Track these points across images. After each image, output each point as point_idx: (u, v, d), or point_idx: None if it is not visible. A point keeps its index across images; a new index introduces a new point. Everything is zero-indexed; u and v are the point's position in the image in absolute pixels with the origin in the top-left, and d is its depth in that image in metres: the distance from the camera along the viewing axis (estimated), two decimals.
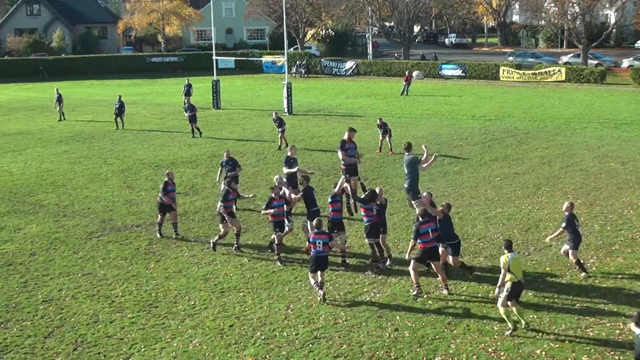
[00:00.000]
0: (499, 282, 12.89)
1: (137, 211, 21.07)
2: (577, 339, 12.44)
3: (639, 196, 21.41)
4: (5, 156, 29.95)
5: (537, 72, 56.45)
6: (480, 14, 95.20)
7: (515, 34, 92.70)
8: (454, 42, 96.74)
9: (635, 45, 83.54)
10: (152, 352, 12.36)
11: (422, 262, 14.42)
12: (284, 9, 46.17)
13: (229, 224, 17.08)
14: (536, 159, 26.85)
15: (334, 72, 66.84)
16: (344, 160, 19.63)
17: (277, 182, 17.98)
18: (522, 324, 12.78)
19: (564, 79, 54.49)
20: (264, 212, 16.77)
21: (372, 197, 15.94)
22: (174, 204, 18.43)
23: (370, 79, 62.34)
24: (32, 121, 40.12)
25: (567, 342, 12.32)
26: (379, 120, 29.13)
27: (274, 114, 30.69)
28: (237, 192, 17.99)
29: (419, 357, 11.96)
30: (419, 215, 14.62)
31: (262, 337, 12.76)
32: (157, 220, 18.51)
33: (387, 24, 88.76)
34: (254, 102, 46.91)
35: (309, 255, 14.68)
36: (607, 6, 67.67)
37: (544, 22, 76.05)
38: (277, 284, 15.19)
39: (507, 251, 12.77)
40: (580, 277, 15.13)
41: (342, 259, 16.30)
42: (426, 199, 15.80)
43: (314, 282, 14.47)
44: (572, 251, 15.16)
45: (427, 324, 13.15)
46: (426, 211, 14.63)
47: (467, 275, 15.18)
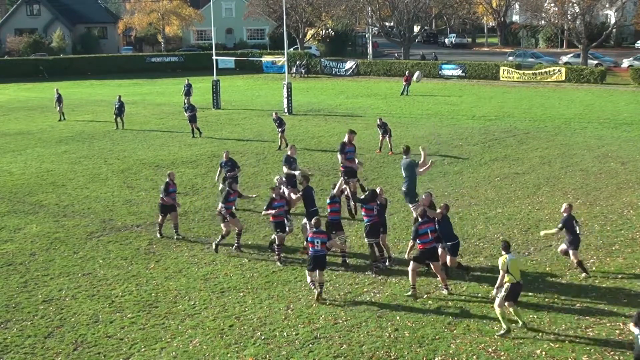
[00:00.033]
0: (498, 283, 12.92)
1: (137, 211, 21.07)
2: (577, 339, 12.44)
3: (639, 196, 21.41)
4: (5, 156, 29.95)
5: (537, 72, 56.45)
6: (480, 14, 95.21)
7: (515, 34, 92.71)
8: (454, 42, 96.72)
9: (635, 45, 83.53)
10: (152, 352, 12.36)
11: (421, 262, 14.43)
12: (284, 9, 46.18)
13: (230, 224, 17.08)
14: (536, 159, 26.85)
15: (334, 72, 66.84)
16: (343, 163, 19.61)
17: (277, 183, 17.98)
18: (519, 324, 12.80)
19: (564, 79, 54.50)
20: (265, 213, 16.77)
21: (372, 196, 15.93)
22: (176, 204, 18.48)
23: (370, 79, 62.34)
24: (32, 121, 40.13)
25: (567, 342, 12.32)
26: (379, 120, 29.13)
27: (274, 114, 30.70)
28: (239, 193, 17.96)
29: (419, 357, 11.96)
30: (419, 216, 14.63)
31: (262, 337, 12.76)
32: (158, 220, 18.52)
33: (387, 24, 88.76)
34: (254, 102, 46.91)
35: (308, 254, 14.68)
36: (607, 6, 67.67)
37: (544, 22, 76.05)
38: (277, 284, 15.19)
39: (505, 252, 12.76)
40: (580, 277, 15.14)
41: (342, 259, 16.30)
42: (426, 199, 15.84)
43: (310, 280, 14.49)
44: (572, 252, 15.16)
45: (427, 324, 13.15)
46: (426, 212, 14.63)
47: (464, 275, 15.18)
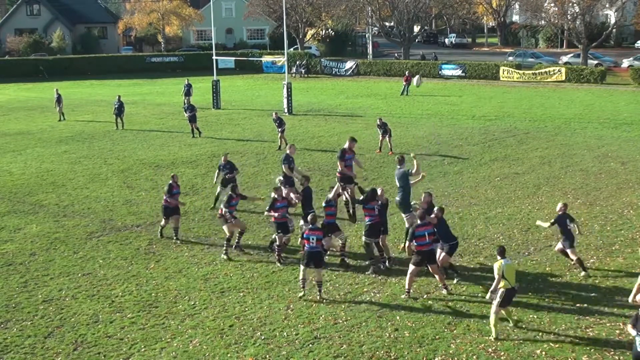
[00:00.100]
0: (492, 288, 12.99)
1: (137, 211, 21.07)
2: (577, 339, 12.44)
3: (639, 196, 21.41)
4: (5, 156, 29.95)
5: (537, 72, 56.45)
6: (480, 14, 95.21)
7: (515, 34, 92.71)
8: (454, 42, 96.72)
9: (635, 45, 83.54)
10: (152, 352, 12.36)
11: (420, 265, 14.41)
12: (284, 9, 46.17)
13: (232, 226, 17.01)
14: (536, 159, 26.86)
15: (334, 72, 66.83)
16: (343, 170, 19.50)
17: (279, 183, 17.98)
18: (510, 323, 12.86)
19: (564, 79, 54.49)
20: (268, 214, 16.75)
21: (372, 195, 15.94)
22: (180, 204, 18.50)
23: (370, 79, 62.34)
24: (32, 121, 40.13)
25: (567, 342, 12.33)
26: (378, 120, 29.13)
27: (274, 114, 30.70)
28: (242, 196, 17.88)
29: (419, 357, 11.96)
30: (418, 218, 14.64)
31: (262, 337, 12.76)
32: (161, 223, 18.47)
33: (387, 24, 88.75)
34: (254, 102, 46.91)
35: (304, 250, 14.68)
36: (607, 6, 67.67)
37: (544, 22, 76.05)
38: (277, 284, 15.19)
39: (500, 257, 12.73)
40: (580, 277, 15.14)
41: (341, 258, 16.31)
42: (426, 199, 15.84)
43: (301, 277, 14.49)
44: (570, 250, 15.26)
45: (427, 324, 13.15)
46: (425, 214, 14.63)
47: (452, 276, 15.13)
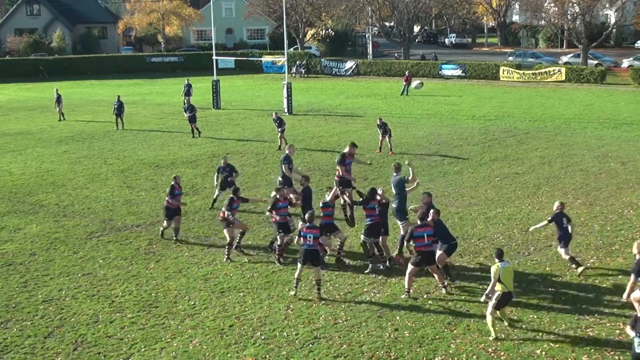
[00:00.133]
0: (488, 290, 13.02)
1: (137, 211, 21.07)
2: (577, 339, 12.44)
3: (639, 196, 21.41)
4: (5, 156, 29.96)
5: (537, 72, 56.45)
6: (480, 14, 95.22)
7: (515, 34, 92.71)
8: (454, 42, 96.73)
9: (635, 45, 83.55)
10: (152, 352, 12.36)
11: (419, 266, 14.41)
12: (284, 9, 46.17)
13: (234, 229, 17.00)
14: (536, 159, 26.86)
15: (334, 72, 66.83)
16: (343, 175, 19.41)
17: (280, 184, 17.99)
18: (505, 323, 12.88)
19: (564, 79, 54.49)
20: (269, 215, 16.74)
21: (372, 195, 15.95)
22: (181, 204, 18.49)
23: (370, 79, 62.34)
24: (32, 121, 40.13)
25: (567, 342, 12.33)
26: (378, 120, 29.13)
27: (274, 114, 30.70)
28: (243, 199, 17.86)
29: (419, 357, 11.96)
30: (418, 218, 14.65)
31: (262, 337, 12.76)
32: (164, 224, 18.43)
33: (387, 24, 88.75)
34: (254, 102, 46.91)
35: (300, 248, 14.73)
36: (607, 6, 67.67)
37: (544, 22, 76.06)
38: (277, 284, 15.19)
39: (497, 260, 12.73)
40: (580, 277, 15.14)
41: (337, 258, 16.33)
42: (425, 199, 15.84)
43: (296, 276, 14.51)
44: (563, 250, 15.47)
45: (427, 324, 13.15)
46: (425, 215, 14.64)
47: (446, 276, 15.13)
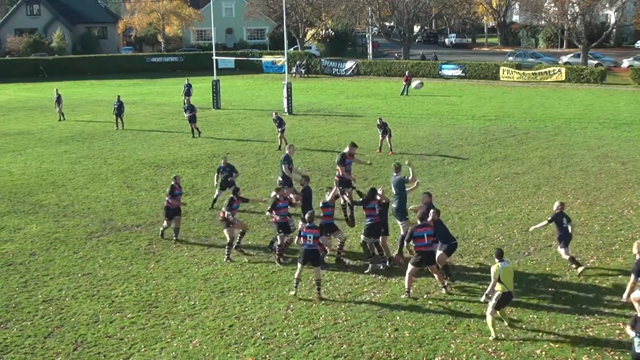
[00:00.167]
0: (487, 290, 13.03)
1: (137, 211, 21.07)
2: (577, 339, 12.44)
3: (639, 196, 21.41)
4: (5, 156, 29.96)
5: (537, 72, 56.45)
6: (480, 14, 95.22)
7: (515, 34, 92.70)
8: (454, 42, 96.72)
9: (635, 45, 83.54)
10: (152, 352, 12.36)
11: (419, 266, 14.42)
12: (284, 9, 46.17)
13: (234, 229, 17.00)
14: (536, 159, 26.86)
15: (334, 72, 66.83)
16: (343, 175, 19.38)
17: (279, 184, 17.99)
18: (505, 323, 12.89)
19: (564, 79, 54.49)
20: (269, 215, 16.74)
21: (372, 195, 15.96)
22: (181, 204, 18.49)
23: (370, 79, 62.34)
24: (32, 121, 40.14)
25: (567, 342, 12.33)
26: (378, 120, 29.13)
27: (274, 114, 30.70)
28: (243, 199, 17.86)
29: (419, 357, 11.96)
30: (418, 218, 14.65)
31: (262, 337, 12.76)
32: (164, 225, 18.42)
33: (387, 24, 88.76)
34: (254, 102, 46.91)
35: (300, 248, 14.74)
36: (607, 6, 67.67)
37: (544, 22, 76.05)
38: (277, 284, 15.19)
39: (497, 260, 12.73)
40: (580, 277, 15.15)
41: (337, 258, 16.34)
42: (424, 199, 15.83)
43: (296, 276, 14.54)
44: (563, 250, 15.51)
45: (427, 324, 13.15)
46: (425, 214, 14.64)
47: (446, 276, 15.15)
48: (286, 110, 40.26)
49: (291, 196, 17.63)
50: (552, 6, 65.49)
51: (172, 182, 18.53)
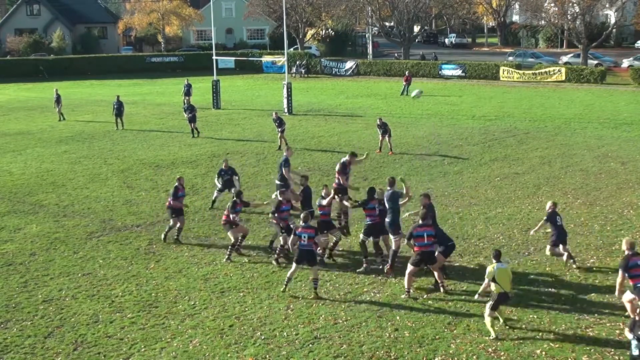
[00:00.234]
0: (480, 290, 13.01)
1: (137, 211, 21.07)
2: (577, 339, 12.45)
3: (639, 196, 21.41)
4: (5, 156, 29.95)
5: (537, 72, 56.45)
6: (480, 14, 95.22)
7: (515, 34, 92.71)
8: (454, 42, 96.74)
9: (635, 45, 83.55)
10: (152, 352, 12.36)
11: (419, 265, 14.42)
12: (284, 9, 46.17)
13: (237, 231, 16.98)
14: (536, 159, 26.86)
15: (334, 72, 66.84)
16: (344, 183, 19.29)
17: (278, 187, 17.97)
18: (500, 321, 12.90)
19: (564, 79, 54.50)
20: (272, 217, 16.71)
21: (371, 194, 15.98)
22: (183, 206, 18.42)
23: (370, 79, 62.34)
24: (32, 121, 40.13)
25: (567, 342, 12.33)
26: (378, 120, 29.12)
27: (274, 114, 30.69)
28: (247, 203, 17.82)
29: (419, 357, 11.96)
30: (419, 218, 14.65)
31: (262, 337, 12.76)
32: (170, 224, 18.27)
33: (387, 24, 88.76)
34: (254, 102, 46.91)
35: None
36: (607, 6, 67.67)
37: (544, 22, 76.06)
38: (277, 284, 15.18)
39: (494, 261, 12.75)
40: (580, 276, 15.15)
41: (328, 254, 16.34)
42: (424, 199, 15.83)
43: (288, 275, 14.57)
44: (561, 246, 15.58)
45: (427, 324, 13.15)
46: (426, 215, 14.64)
47: (443, 276, 15.15)
48: (286, 110, 40.26)
49: (291, 196, 17.63)
50: (552, 6, 65.50)
51: (176, 183, 18.43)
